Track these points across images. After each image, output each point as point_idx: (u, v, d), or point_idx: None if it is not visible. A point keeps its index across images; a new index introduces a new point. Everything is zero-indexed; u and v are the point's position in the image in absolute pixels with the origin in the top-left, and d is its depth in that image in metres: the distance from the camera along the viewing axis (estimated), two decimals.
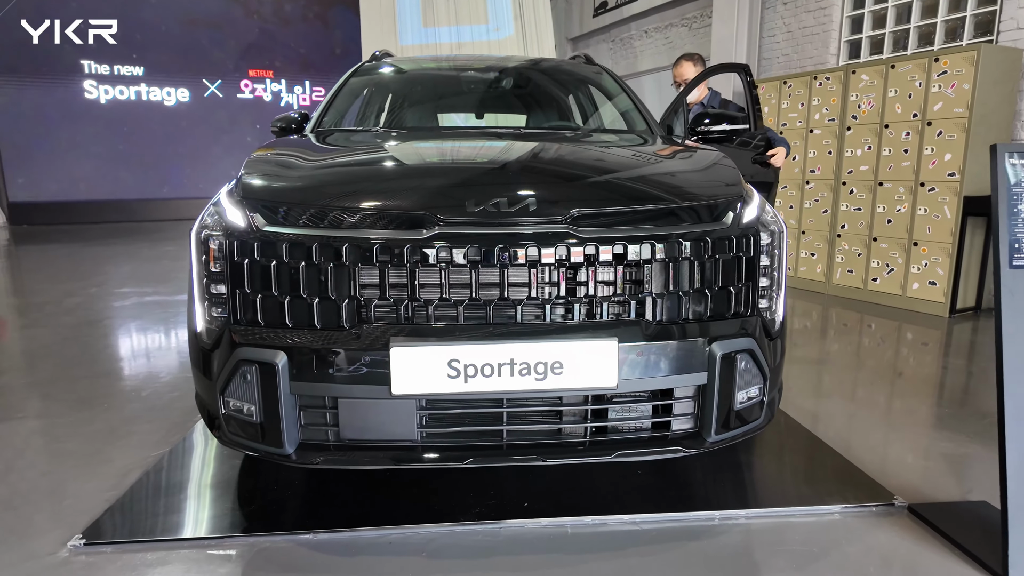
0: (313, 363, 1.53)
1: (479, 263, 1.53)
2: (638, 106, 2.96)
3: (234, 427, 1.67)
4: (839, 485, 2.06)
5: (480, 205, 1.58)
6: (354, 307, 1.55)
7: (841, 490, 2.02)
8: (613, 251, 1.56)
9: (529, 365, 1.49)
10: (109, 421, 2.64)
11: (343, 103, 2.98)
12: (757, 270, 1.72)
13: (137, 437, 2.47)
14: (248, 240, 1.60)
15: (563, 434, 1.63)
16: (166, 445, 2.37)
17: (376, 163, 2.01)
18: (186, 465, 2.19)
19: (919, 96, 4.57)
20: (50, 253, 8.24)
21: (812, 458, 2.27)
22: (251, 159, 1.92)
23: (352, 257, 1.54)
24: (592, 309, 1.58)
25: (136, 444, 2.40)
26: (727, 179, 1.86)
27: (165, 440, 2.42)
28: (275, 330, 1.58)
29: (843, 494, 2.00)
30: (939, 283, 4.53)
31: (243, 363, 1.58)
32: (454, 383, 1.49)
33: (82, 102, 11.54)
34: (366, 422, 1.56)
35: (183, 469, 2.16)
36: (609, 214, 1.61)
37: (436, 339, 1.50)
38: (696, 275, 1.62)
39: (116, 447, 2.38)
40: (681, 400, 1.65)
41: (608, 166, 1.96)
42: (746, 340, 1.67)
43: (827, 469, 2.18)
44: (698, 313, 1.64)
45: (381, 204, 1.62)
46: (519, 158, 2.02)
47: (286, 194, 1.70)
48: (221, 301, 1.66)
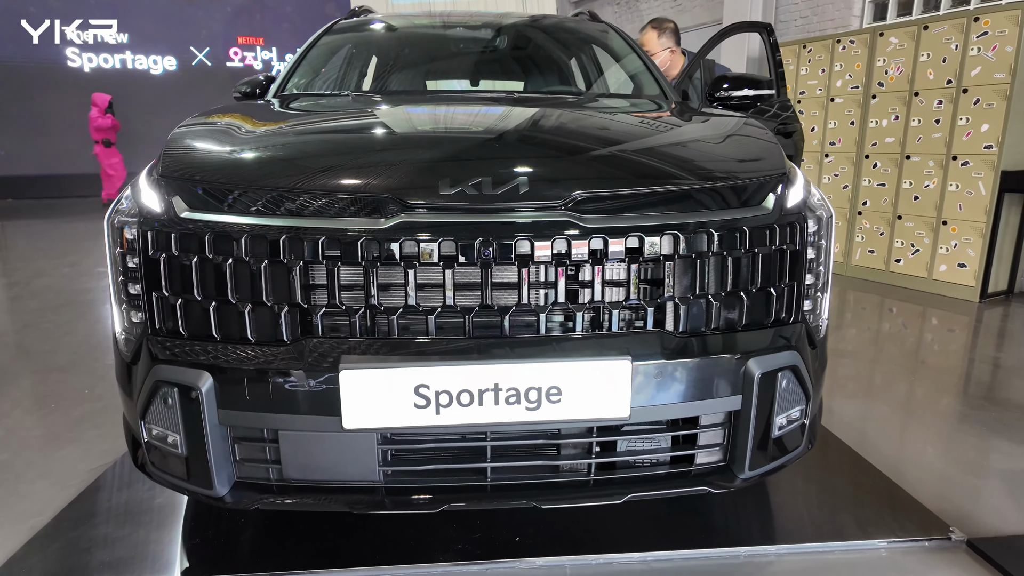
0: (245, 387, 1.21)
1: (455, 260, 1.20)
2: (650, 68, 2.59)
3: (159, 459, 1.36)
4: (885, 514, 1.76)
5: (457, 185, 1.24)
6: (295, 316, 1.22)
7: (887, 520, 1.73)
8: (626, 244, 1.23)
9: (519, 392, 1.17)
10: (53, 425, 2.35)
11: (314, 64, 2.61)
12: (803, 266, 1.39)
13: (80, 446, 2.17)
14: (165, 230, 1.27)
15: (561, 471, 1.31)
16: (110, 457, 2.07)
17: (331, 133, 1.66)
18: (127, 486, 1.89)
19: (954, 60, 4.17)
20: (28, 229, 7.90)
21: (851, 478, 1.96)
22: (179, 129, 1.57)
23: (293, 252, 1.21)
24: (599, 319, 1.25)
25: (77, 455, 2.10)
26: (766, 153, 1.51)
27: (112, 450, 2.12)
28: (199, 344, 1.25)
29: (890, 525, 1.70)
30: (969, 265, 4.19)
31: (162, 384, 1.26)
32: (423, 415, 1.17)
33: (65, 71, 11.05)
34: (313, 460, 1.25)
35: (123, 491, 1.86)
36: (621, 197, 1.27)
37: (400, 358, 1.18)
38: (729, 274, 1.29)
39: (55, 459, 2.08)
40: (708, 428, 1.33)
41: (619, 137, 1.61)
42: (789, 355, 1.34)
43: (869, 493, 1.88)
44: (731, 321, 1.31)
45: (331, 184, 1.28)
46: (509, 127, 1.67)
47: (213, 171, 1.35)
48: (138, 305, 1.33)
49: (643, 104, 2.16)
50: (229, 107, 1.90)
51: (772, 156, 1.49)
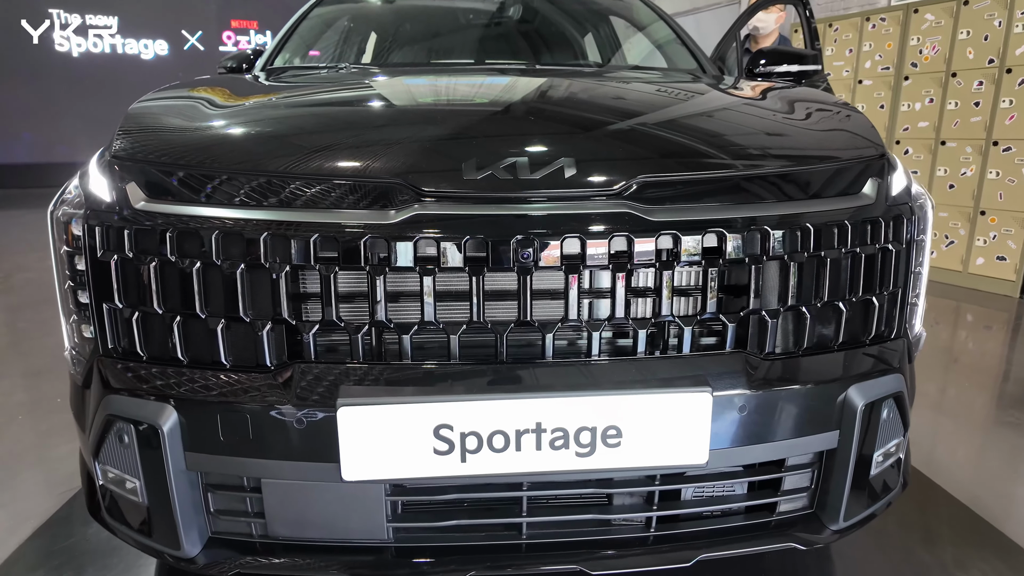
0: (218, 425, 0.95)
1: (485, 264, 0.94)
2: (683, 39, 2.31)
3: (116, 507, 1.10)
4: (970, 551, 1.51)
5: (485, 168, 0.97)
6: (281, 335, 0.96)
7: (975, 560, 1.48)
8: (703, 243, 0.96)
9: (567, 433, 0.91)
10: (16, 442, 2.09)
11: (305, 38, 2.33)
12: (910, 268, 1.13)
13: (43, 468, 1.92)
14: (117, 225, 1.00)
15: (613, 525, 1.05)
16: (77, 482, 1.82)
17: (326, 106, 1.39)
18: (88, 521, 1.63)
19: (997, 38, 3.88)
20: (16, 220, 7.60)
21: (925, 509, 1.71)
22: (139, 102, 1.29)
23: (278, 253, 0.94)
24: (666, 337, 0.99)
25: (37, 480, 1.85)
26: (859, 129, 1.24)
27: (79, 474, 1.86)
28: (161, 370, 0.99)
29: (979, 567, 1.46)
30: (1009, 258, 3.93)
31: (115, 419, 1.01)
32: (444, 463, 0.91)
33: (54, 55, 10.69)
34: (305, 514, 0.99)
35: (88, 525, 1.60)
36: (694, 183, 1.01)
37: (415, 391, 0.92)
38: (828, 279, 1.03)
39: (11, 485, 1.83)
40: (794, 471, 1.07)
41: (681, 110, 1.33)
42: (894, 379, 1.08)
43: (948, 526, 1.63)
44: (826, 339, 1.05)
45: (326, 168, 1.01)
46: (545, 96, 1.39)
47: (178, 152, 1.08)
48: (88, 318, 1.07)
49: (686, 77, 1.88)
50: (204, 80, 1.63)
51: (867, 133, 1.22)
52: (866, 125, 1.25)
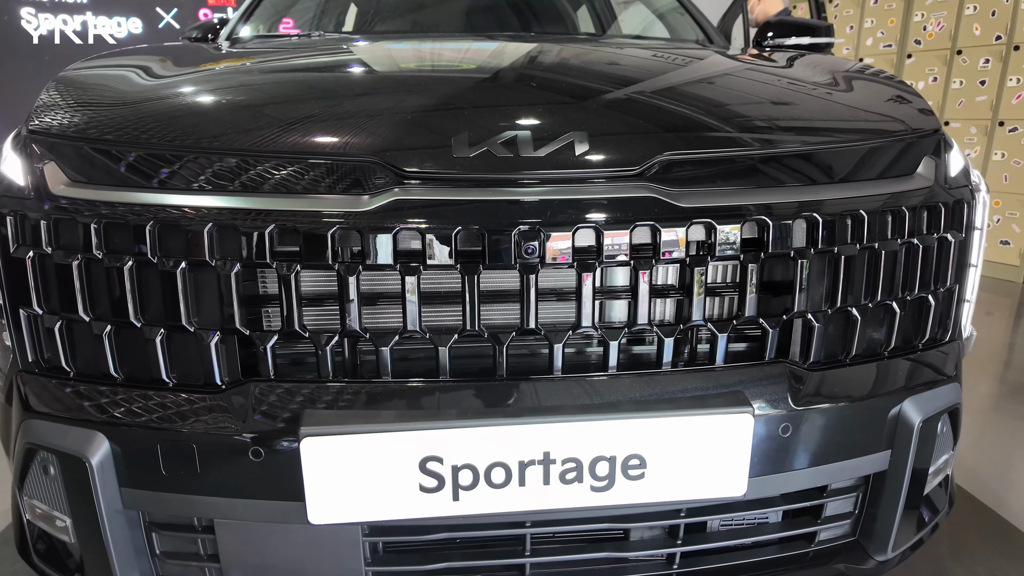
0: (159, 456, 0.79)
1: (479, 260, 0.77)
2: (686, 6, 2.14)
3: (46, 548, 0.94)
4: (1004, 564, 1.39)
5: (479, 144, 0.80)
6: (233, 347, 0.79)
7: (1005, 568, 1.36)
8: (741, 233, 0.81)
9: (580, 465, 0.75)
10: None
11: (277, 4, 2.12)
12: (968, 261, 0.98)
13: None
14: (33, 213, 0.82)
15: (631, 563, 0.91)
16: None
17: (289, 72, 1.20)
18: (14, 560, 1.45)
19: (1005, 13, 3.74)
20: None
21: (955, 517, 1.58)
22: (66, 71, 1.09)
23: (228, 248, 0.77)
24: (697, 348, 0.84)
25: None
26: (909, 102, 1.08)
27: None
28: (90, 388, 0.82)
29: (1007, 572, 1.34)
30: (1014, 242, 3.83)
31: (37, 448, 0.84)
32: (433, 502, 0.75)
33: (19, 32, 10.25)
34: (268, 559, 0.83)
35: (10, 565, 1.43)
36: (726, 162, 0.85)
37: (396, 416, 0.76)
38: (881, 274, 0.88)
39: None
40: (836, 496, 0.93)
41: (707, 79, 1.16)
42: (951, 390, 0.94)
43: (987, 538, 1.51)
44: (876, 344, 0.90)
45: (288, 144, 0.84)
46: (548, 62, 1.22)
47: (108, 126, 0.90)
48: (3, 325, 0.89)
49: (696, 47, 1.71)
50: (153, 48, 1.43)
51: (918, 105, 1.07)
52: (916, 97, 1.10)
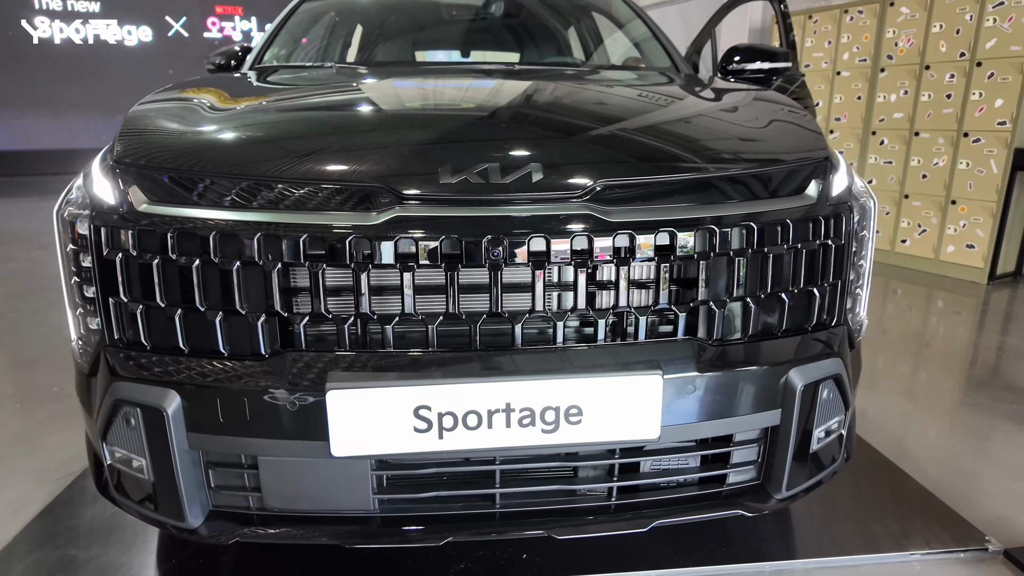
0: (217, 408, 1.05)
1: (459, 261, 1.04)
2: (659, 37, 2.40)
3: (123, 484, 1.20)
4: (916, 522, 1.64)
5: (460, 173, 1.07)
6: (274, 326, 1.06)
7: (920, 529, 1.61)
8: (655, 240, 1.07)
9: (533, 413, 1.02)
10: (12, 429, 2.17)
11: (294, 33, 2.39)
12: (848, 262, 1.24)
13: (42, 455, 2.00)
14: (121, 225, 1.09)
15: (579, 495, 1.17)
16: (77, 465, 1.91)
17: (313, 111, 1.47)
18: (92, 501, 1.72)
19: (968, 31, 3.99)
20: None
21: (878, 484, 1.84)
22: (138, 106, 1.37)
23: (270, 252, 1.04)
24: (623, 326, 1.10)
25: (38, 465, 1.93)
26: (805, 133, 1.34)
27: (78, 458, 1.95)
28: (164, 358, 1.09)
29: (923, 535, 1.59)
30: (978, 246, 4.08)
31: (122, 404, 1.10)
32: (424, 440, 1.01)
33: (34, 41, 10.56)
34: (298, 488, 1.10)
35: (89, 506, 1.70)
36: (648, 186, 1.11)
37: (396, 376, 1.02)
38: (771, 272, 1.14)
39: (12, 469, 1.91)
40: (742, 446, 1.19)
41: (640, 117, 1.43)
42: (833, 363, 1.20)
43: (899, 499, 1.76)
44: (770, 327, 1.16)
45: (314, 172, 1.10)
46: (515, 104, 1.48)
47: (176, 157, 1.17)
48: (94, 311, 1.16)
49: (657, 78, 1.98)
50: (198, 81, 1.70)
51: (812, 136, 1.33)
52: (814, 128, 1.36)
